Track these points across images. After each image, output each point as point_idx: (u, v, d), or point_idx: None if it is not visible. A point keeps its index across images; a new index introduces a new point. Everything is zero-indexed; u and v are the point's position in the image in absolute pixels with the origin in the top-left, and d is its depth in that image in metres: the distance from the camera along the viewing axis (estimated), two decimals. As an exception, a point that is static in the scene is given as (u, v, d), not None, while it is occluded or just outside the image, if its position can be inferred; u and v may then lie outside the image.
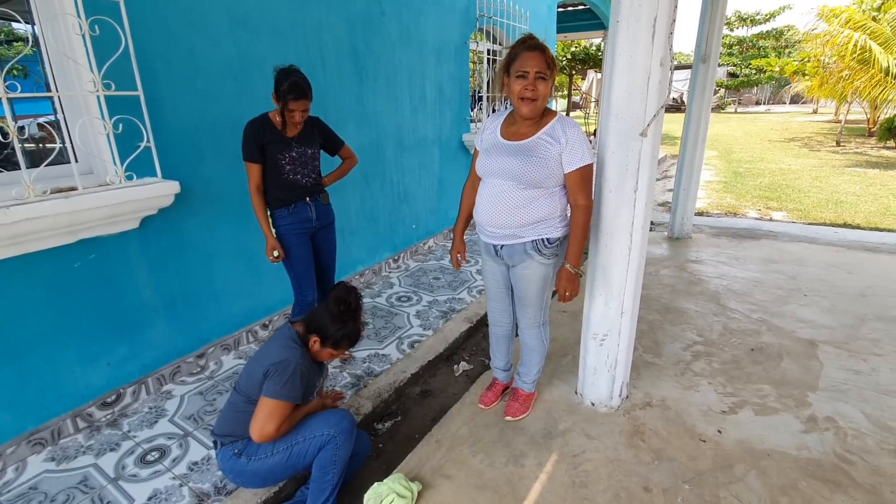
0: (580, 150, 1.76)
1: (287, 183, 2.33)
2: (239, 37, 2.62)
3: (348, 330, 1.72)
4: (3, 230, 1.78)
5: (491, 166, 1.85)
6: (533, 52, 1.69)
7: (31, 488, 1.89)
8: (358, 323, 1.76)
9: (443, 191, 4.80)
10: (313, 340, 1.73)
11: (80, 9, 1.91)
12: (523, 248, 1.89)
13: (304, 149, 2.35)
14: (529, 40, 1.71)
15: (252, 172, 2.26)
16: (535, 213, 1.82)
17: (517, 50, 1.73)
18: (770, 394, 2.40)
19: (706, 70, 4.35)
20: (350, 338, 1.74)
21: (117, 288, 2.28)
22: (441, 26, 4.34)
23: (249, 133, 2.23)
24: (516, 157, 1.79)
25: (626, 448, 2.06)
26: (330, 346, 1.73)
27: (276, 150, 2.27)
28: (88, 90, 2.02)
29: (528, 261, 1.91)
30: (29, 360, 2.03)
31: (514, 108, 1.80)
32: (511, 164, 1.79)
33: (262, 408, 1.60)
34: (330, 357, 1.79)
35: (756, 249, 4.49)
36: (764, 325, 3.07)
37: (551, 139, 1.77)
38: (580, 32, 11.90)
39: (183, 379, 2.59)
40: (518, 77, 1.72)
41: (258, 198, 2.30)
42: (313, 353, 1.76)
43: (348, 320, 1.72)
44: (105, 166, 2.18)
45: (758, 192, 7.35)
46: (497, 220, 1.86)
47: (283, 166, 2.29)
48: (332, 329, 1.70)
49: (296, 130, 2.32)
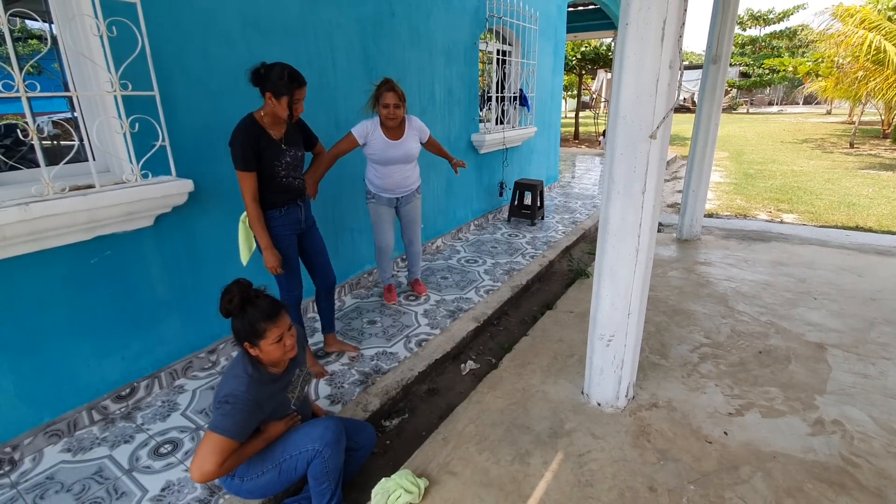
0: (424, 127, 3.20)
1: (281, 187, 2.29)
2: (251, 38, 2.65)
3: (249, 318, 1.57)
4: (23, 226, 1.83)
5: (393, 155, 3.06)
6: (390, 92, 2.90)
7: (48, 478, 1.94)
8: (254, 307, 1.59)
9: (451, 190, 4.83)
10: (247, 348, 1.62)
11: (98, 10, 1.96)
12: (412, 193, 3.33)
13: (295, 152, 2.34)
14: (387, 83, 2.91)
15: (249, 182, 2.16)
16: (415, 173, 3.29)
17: (382, 90, 2.91)
18: (777, 396, 2.40)
19: (717, 70, 4.33)
20: (255, 324, 1.57)
21: (132, 284, 2.33)
22: (451, 27, 4.36)
23: (245, 141, 2.11)
24: (402, 148, 3.08)
25: (631, 448, 2.07)
26: (257, 342, 1.59)
27: (272, 157, 2.21)
28: (106, 90, 2.07)
29: (414, 200, 3.36)
30: (46, 353, 2.08)
31: (383, 123, 3.00)
32: (403, 153, 3.09)
33: (204, 442, 1.51)
34: (277, 353, 1.62)
35: (766, 252, 4.47)
36: (772, 328, 3.06)
37: (411, 131, 3.11)
38: (591, 32, 11.86)
39: (195, 374, 2.64)
40: (383, 107, 2.93)
41: (257, 208, 2.21)
42: (265, 362, 1.64)
43: (245, 310, 1.59)
44: (121, 164, 2.22)
45: (769, 193, 7.29)
46: (403, 183, 3.20)
47: (278, 172, 2.25)
48: (241, 328, 1.59)
49: (281, 131, 2.26)
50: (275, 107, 2.13)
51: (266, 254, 2.28)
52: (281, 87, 2.09)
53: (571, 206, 6.55)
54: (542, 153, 6.88)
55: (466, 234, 5.21)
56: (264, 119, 2.19)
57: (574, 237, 5.17)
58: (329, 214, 3.39)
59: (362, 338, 3.04)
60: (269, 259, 2.28)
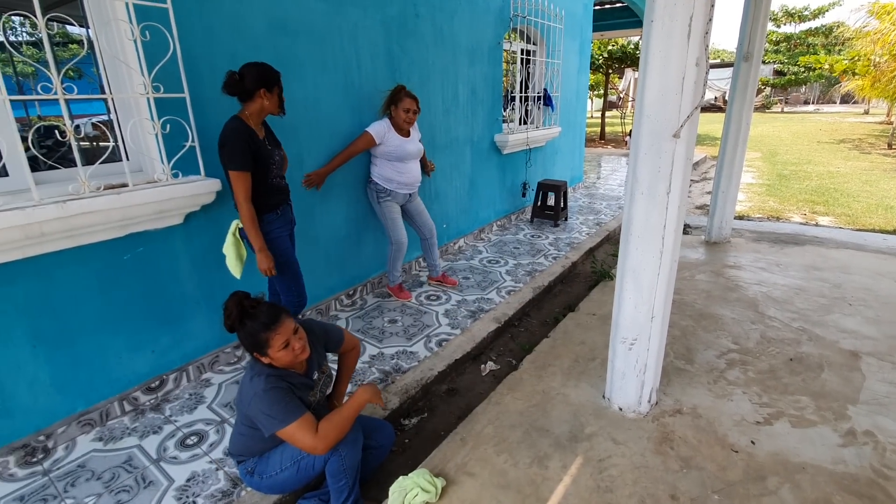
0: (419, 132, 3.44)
1: (274, 188, 2.30)
2: (278, 41, 2.71)
3: (249, 331, 1.59)
4: (60, 223, 1.91)
5: (410, 150, 3.27)
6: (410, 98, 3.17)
7: (80, 466, 2.02)
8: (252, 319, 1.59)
9: (474, 191, 4.82)
10: (257, 357, 1.64)
11: (132, 15, 2.03)
12: (418, 189, 3.50)
13: (279, 151, 2.37)
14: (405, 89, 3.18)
15: (245, 182, 2.13)
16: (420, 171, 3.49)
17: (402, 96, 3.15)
18: (808, 405, 2.31)
19: (749, 68, 4.21)
20: (256, 335, 1.58)
21: (162, 280, 2.40)
22: (475, 27, 4.36)
23: (242, 140, 2.10)
24: (414, 143, 3.30)
25: (653, 455, 2.03)
26: (265, 351, 1.60)
27: (266, 157, 2.21)
28: (139, 92, 2.14)
29: (417, 194, 3.52)
30: (81, 345, 2.17)
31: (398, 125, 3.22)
32: (416, 148, 3.32)
33: (288, 439, 1.58)
34: (287, 357, 1.62)
35: (799, 255, 4.31)
36: (804, 335, 2.95)
37: (414, 131, 3.37)
38: (618, 30, 11.67)
39: (221, 368, 2.71)
40: (404, 111, 3.16)
41: (252, 208, 2.17)
42: (278, 366, 1.65)
43: (244, 324, 1.60)
44: (153, 164, 2.30)
45: (803, 195, 7.03)
46: (417, 177, 3.41)
47: (271, 171, 2.26)
48: (246, 341, 1.61)
49: (262, 132, 2.27)
50: (267, 102, 2.16)
51: (260, 256, 2.24)
52: (272, 79, 2.14)
53: (596, 207, 6.46)
54: (566, 153, 6.81)
55: (489, 235, 5.19)
56: (250, 120, 2.20)
57: (598, 239, 5.09)
58: (352, 214, 3.43)
59: (383, 336, 3.06)
60: (263, 261, 2.24)
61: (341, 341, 1.97)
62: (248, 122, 2.19)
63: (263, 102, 2.18)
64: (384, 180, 3.28)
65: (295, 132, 2.89)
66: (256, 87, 2.14)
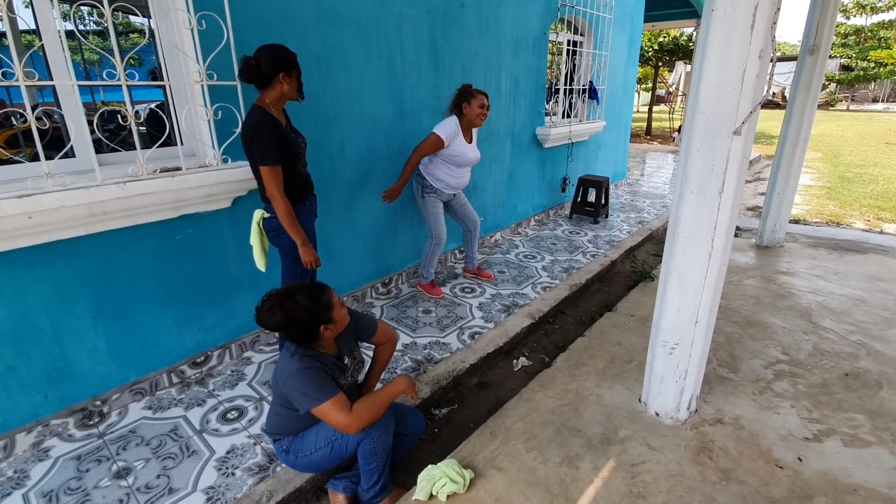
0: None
1: (301, 178, 2.23)
2: (325, 30, 2.74)
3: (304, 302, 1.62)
4: (121, 203, 2.02)
5: (472, 157, 3.24)
6: (482, 94, 3.13)
7: (131, 431, 2.15)
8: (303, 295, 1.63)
9: (512, 184, 4.76)
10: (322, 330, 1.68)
11: (190, 4, 2.10)
12: (464, 189, 3.55)
13: (302, 138, 2.26)
14: (473, 87, 3.13)
15: (276, 176, 2.02)
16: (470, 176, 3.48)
17: (474, 92, 3.11)
18: (863, 424, 2.17)
19: (814, 63, 3.94)
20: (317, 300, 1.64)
21: (210, 260, 2.51)
22: (520, 17, 4.27)
23: (270, 132, 1.98)
24: (476, 151, 3.28)
25: (690, 464, 1.96)
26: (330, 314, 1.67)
27: (294, 146, 2.10)
28: (195, 80, 2.22)
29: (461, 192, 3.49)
30: (136, 318, 2.30)
31: (471, 122, 3.16)
32: (476, 156, 3.28)
33: (322, 417, 1.63)
34: (343, 322, 1.74)
35: (860, 264, 4.04)
36: (863, 349, 2.77)
37: (475, 136, 3.32)
38: (670, 21, 11.16)
39: (261, 347, 2.81)
40: (480, 106, 3.11)
41: (288, 203, 2.07)
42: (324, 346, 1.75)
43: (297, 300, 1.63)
44: (205, 149, 2.39)
45: (868, 200, 6.56)
46: (467, 181, 3.39)
47: (300, 160, 2.17)
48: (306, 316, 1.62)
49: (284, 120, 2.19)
50: (286, 87, 2.03)
51: (304, 250, 2.17)
52: (289, 62, 2.01)
53: (639, 205, 6.26)
54: (609, 148, 6.62)
55: (526, 230, 5.13)
56: (272, 108, 2.06)
57: (639, 238, 4.94)
58: (391, 204, 3.46)
59: (417, 326, 3.09)
60: (307, 254, 2.18)
61: (374, 331, 1.99)
62: (270, 110, 2.05)
63: (283, 87, 2.03)
64: (434, 178, 3.24)
65: (339, 122, 2.94)
66: (275, 72, 2.00)
